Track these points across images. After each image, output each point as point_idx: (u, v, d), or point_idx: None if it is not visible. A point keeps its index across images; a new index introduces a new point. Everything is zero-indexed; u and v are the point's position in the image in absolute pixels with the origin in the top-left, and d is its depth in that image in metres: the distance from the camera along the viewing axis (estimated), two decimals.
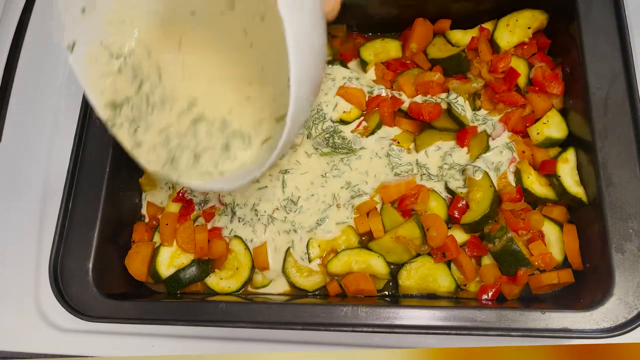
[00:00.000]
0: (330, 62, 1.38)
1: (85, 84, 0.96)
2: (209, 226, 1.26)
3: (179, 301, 1.15)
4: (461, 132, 1.26)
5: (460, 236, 1.19)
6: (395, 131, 1.31)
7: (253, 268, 1.23)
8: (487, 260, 1.17)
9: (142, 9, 0.99)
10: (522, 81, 1.27)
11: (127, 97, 0.98)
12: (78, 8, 0.92)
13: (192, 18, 1.00)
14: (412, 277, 1.17)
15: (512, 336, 0.97)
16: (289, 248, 1.23)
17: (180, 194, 1.30)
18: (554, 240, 1.16)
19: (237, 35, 0.97)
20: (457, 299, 1.17)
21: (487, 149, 1.22)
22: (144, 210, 1.32)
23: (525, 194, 1.19)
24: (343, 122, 1.30)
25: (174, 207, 1.29)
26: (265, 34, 0.92)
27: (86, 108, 1.23)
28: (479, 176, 1.19)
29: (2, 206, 1.38)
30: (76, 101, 1.24)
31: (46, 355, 1.22)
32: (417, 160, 1.27)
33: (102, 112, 0.97)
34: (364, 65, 1.38)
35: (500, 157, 1.22)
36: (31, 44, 1.54)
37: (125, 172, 1.25)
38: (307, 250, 1.21)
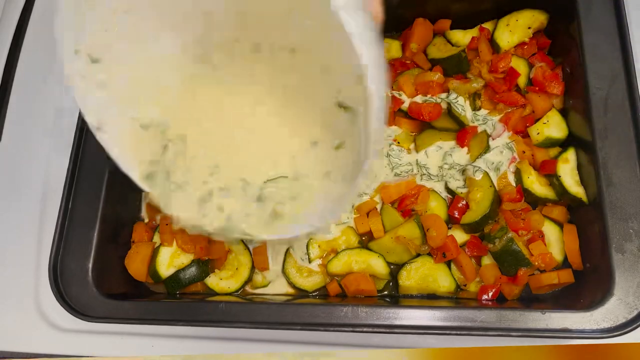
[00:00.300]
0: None
1: (123, 165, 0.89)
2: None
3: (179, 301, 1.15)
4: (461, 132, 1.26)
5: (460, 236, 1.19)
6: (395, 131, 1.31)
7: (253, 268, 1.23)
8: (487, 261, 1.17)
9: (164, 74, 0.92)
10: (522, 81, 1.27)
11: (158, 161, 0.91)
12: (94, 84, 0.84)
13: (214, 70, 0.93)
14: (412, 277, 1.17)
15: (512, 336, 0.97)
16: (288, 248, 1.23)
17: None
18: (554, 240, 1.16)
19: (270, 79, 0.90)
20: (457, 299, 1.17)
21: (487, 149, 1.22)
22: (143, 211, 1.32)
23: (525, 194, 1.19)
24: None
25: None
26: (299, 67, 0.85)
27: None
28: (479, 176, 1.19)
29: (2, 206, 1.38)
30: None
31: (46, 355, 1.22)
32: (417, 160, 1.27)
33: (144, 184, 0.91)
34: None
35: (500, 157, 1.22)
36: (31, 44, 1.54)
37: None
38: (307, 250, 1.21)
